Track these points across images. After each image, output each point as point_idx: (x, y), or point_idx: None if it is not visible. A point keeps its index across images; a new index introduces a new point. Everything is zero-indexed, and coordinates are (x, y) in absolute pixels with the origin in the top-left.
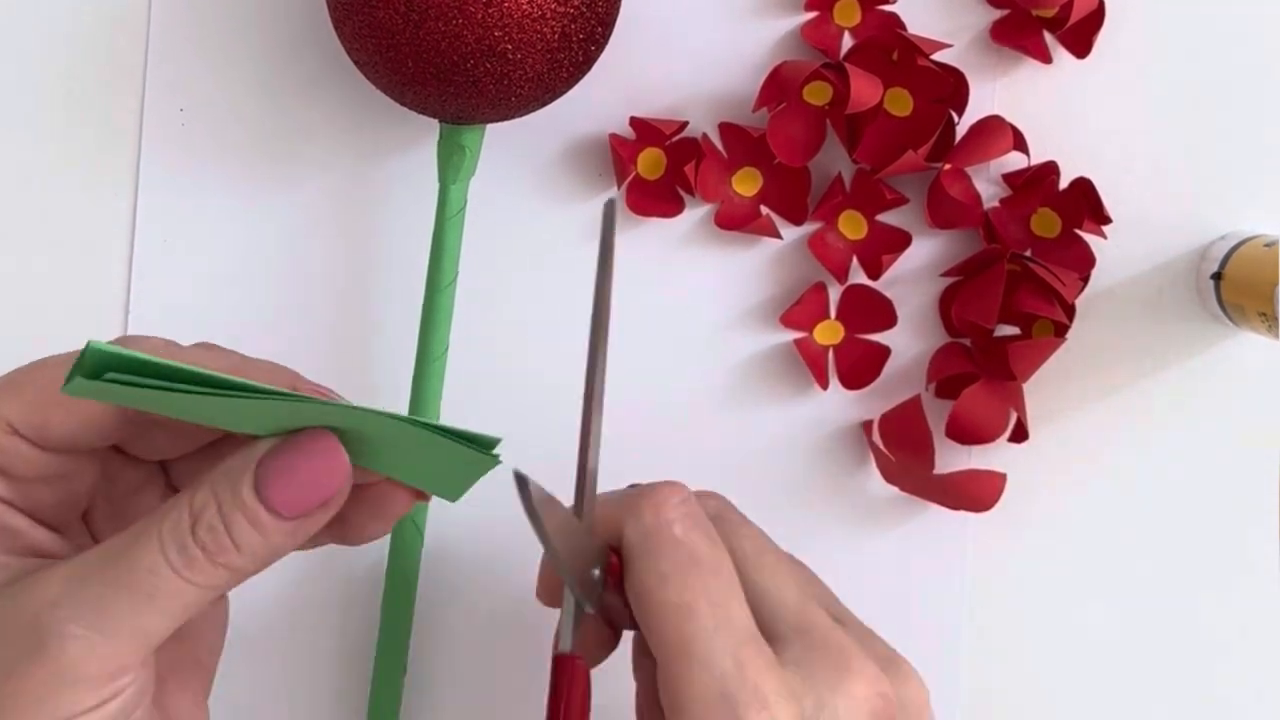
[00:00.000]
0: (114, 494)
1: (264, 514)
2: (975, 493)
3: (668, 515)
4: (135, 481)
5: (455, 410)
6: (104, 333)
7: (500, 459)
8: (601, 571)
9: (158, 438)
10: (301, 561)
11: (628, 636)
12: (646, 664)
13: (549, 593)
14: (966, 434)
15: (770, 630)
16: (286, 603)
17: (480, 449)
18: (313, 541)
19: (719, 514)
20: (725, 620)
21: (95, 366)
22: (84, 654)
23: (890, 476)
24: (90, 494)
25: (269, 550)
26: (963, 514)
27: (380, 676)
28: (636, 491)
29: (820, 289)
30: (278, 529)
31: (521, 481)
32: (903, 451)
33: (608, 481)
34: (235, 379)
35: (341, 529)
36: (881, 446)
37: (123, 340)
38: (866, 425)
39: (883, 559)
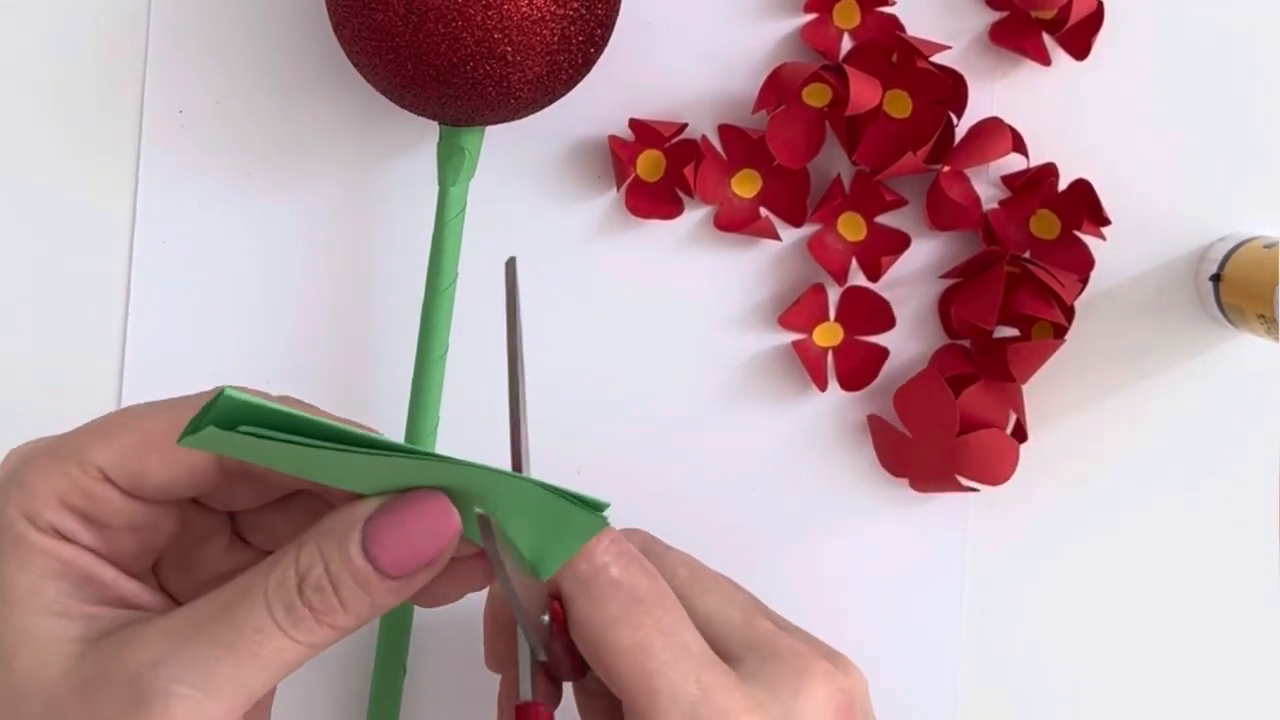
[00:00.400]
0: (183, 543)
1: (372, 574)
2: (994, 458)
3: (601, 559)
4: (204, 530)
5: (455, 411)
6: (103, 333)
7: (609, 522)
8: (549, 620)
9: (241, 489)
10: None
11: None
12: (596, 705)
13: (496, 659)
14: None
15: (723, 650)
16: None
17: (588, 509)
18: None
19: (646, 548)
20: (681, 649)
21: (230, 417)
22: (188, 714)
23: (897, 466)
24: (167, 543)
25: (372, 609)
26: (962, 513)
27: (380, 676)
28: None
29: (818, 290)
30: (383, 588)
31: (486, 524)
32: (924, 422)
33: (607, 483)
34: (359, 433)
35: (420, 593)
36: (898, 426)
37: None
38: (871, 418)
39: (881, 559)
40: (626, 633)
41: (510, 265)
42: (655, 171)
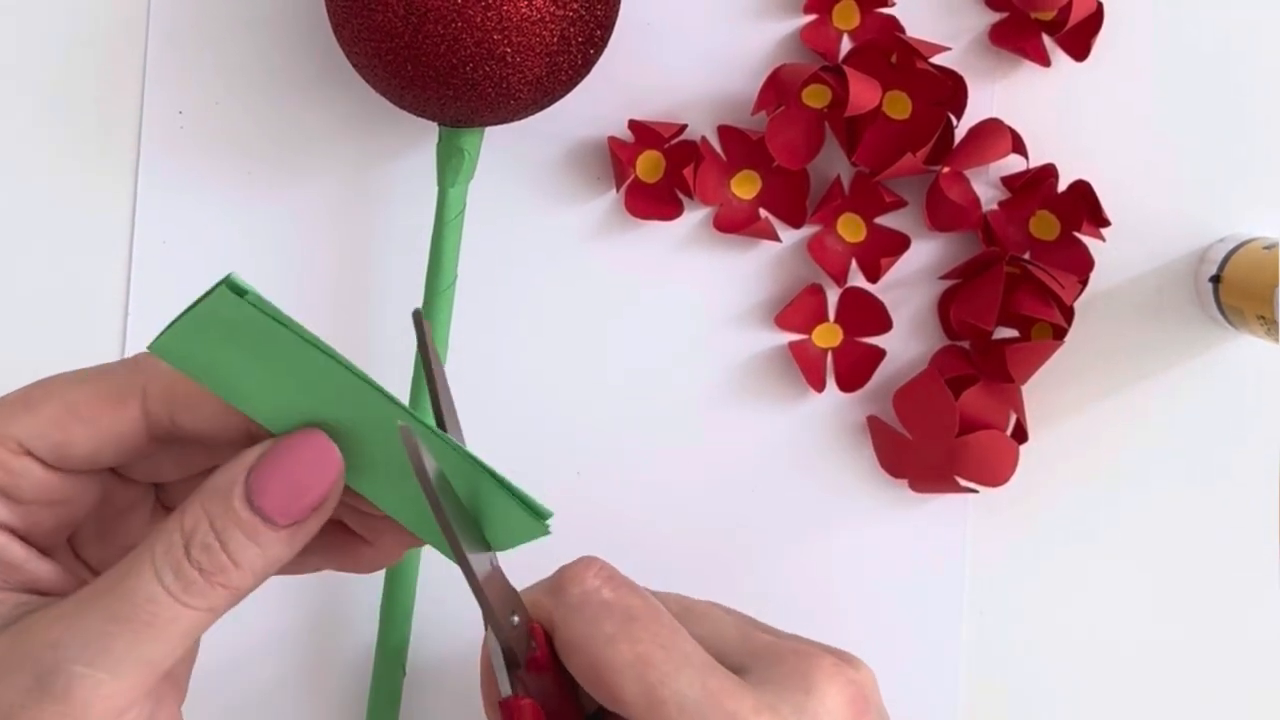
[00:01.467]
0: (103, 514)
1: (260, 523)
2: (994, 459)
3: (593, 583)
4: (126, 502)
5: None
6: (103, 333)
7: (551, 531)
8: (525, 640)
9: (165, 459)
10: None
11: None
12: None
13: (493, 705)
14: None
15: (727, 665)
16: (286, 602)
17: (531, 514)
18: (311, 565)
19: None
20: (683, 659)
21: (236, 290)
22: (91, 693)
23: (897, 467)
24: (85, 516)
25: (266, 563)
26: (961, 514)
27: (380, 676)
28: (553, 575)
29: (816, 290)
30: (273, 538)
31: (409, 438)
32: (924, 423)
33: (606, 483)
34: (334, 351)
35: (342, 557)
36: (897, 427)
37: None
38: (870, 419)
39: (881, 560)
40: (626, 648)
41: (417, 316)
42: (655, 172)
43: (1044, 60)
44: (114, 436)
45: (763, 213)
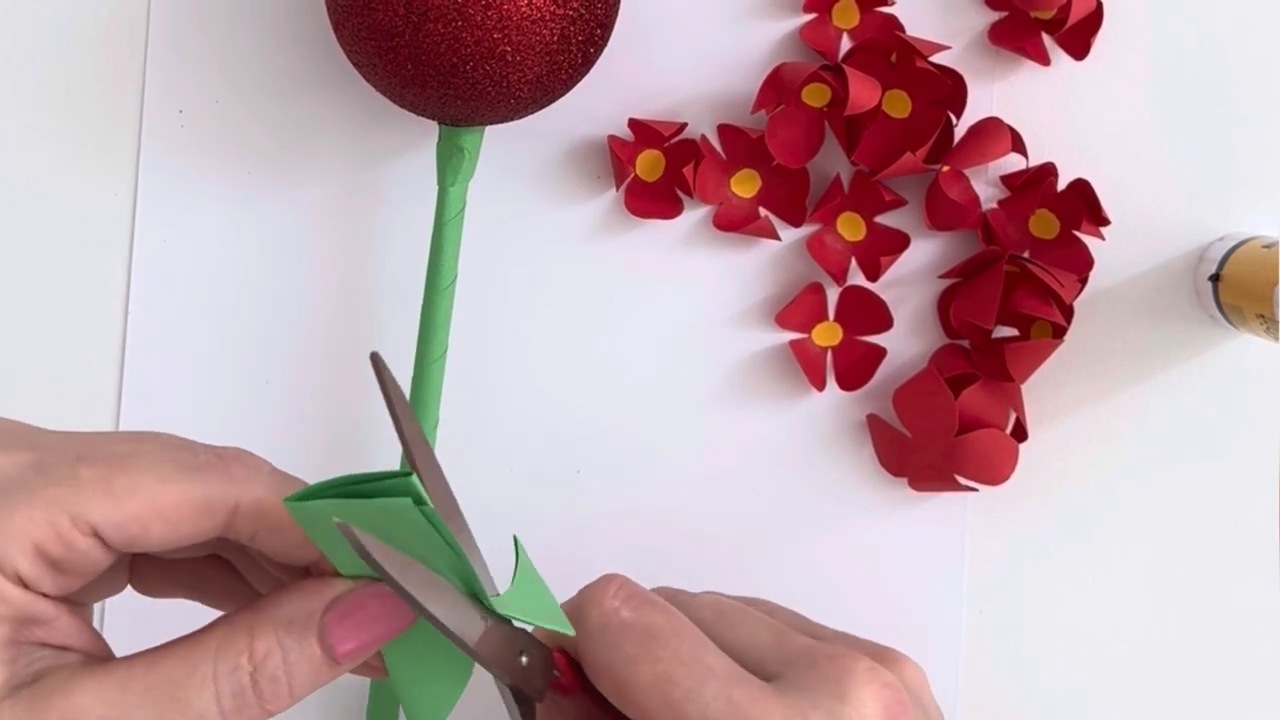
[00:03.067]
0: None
1: (327, 663)
2: (993, 458)
3: (611, 604)
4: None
5: (455, 410)
6: (104, 333)
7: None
8: (542, 672)
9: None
10: None
11: None
12: None
13: None
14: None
15: (761, 673)
16: None
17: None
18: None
19: (670, 597)
20: (705, 673)
21: (417, 500)
22: None
23: (896, 465)
24: (110, 587)
25: (310, 691)
26: (961, 510)
27: (379, 680)
28: (574, 598)
29: (816, 289)
30: (331, 673)
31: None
32: (923, 421)
33: (607, 483)
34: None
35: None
36: (897, 426)
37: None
38: (870, 418)
39: (881, 558)
40: (646, 669)
41: (375, 361)
42: (655, 171)
43: (1043, 59)
44: (188, 538)
45: (762, 211)
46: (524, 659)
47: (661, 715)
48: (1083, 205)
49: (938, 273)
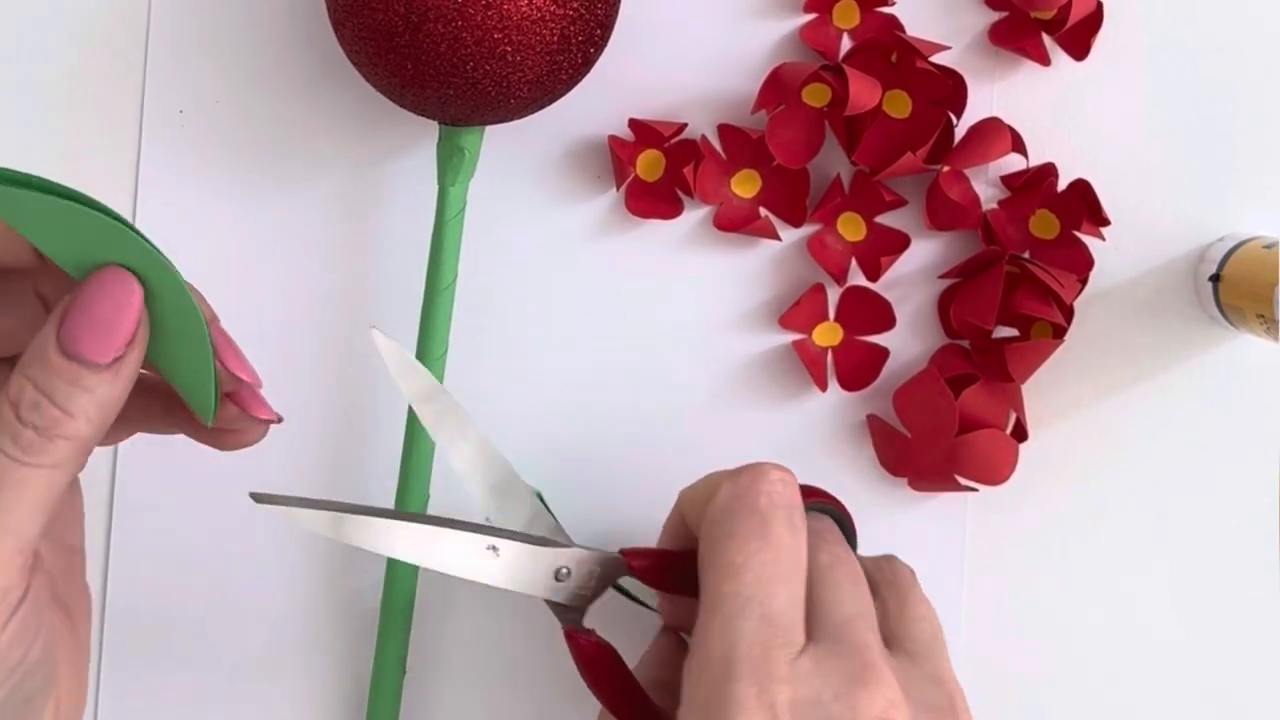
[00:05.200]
0: None
1: (80, 369)
2: (993, 458)
3: (762, 486)
4: None
5: None
6: None
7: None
8: (593, 580)
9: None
10: (301, 560)
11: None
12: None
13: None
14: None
15: (810, 633)
16: (286, 602)
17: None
18: (141, 425)
19: (818, 530)
20: (765, 594)
21: None
22: None
23: (896, 466)
24: None
25: (99, 406)
26: (961, 511)
27: (380, 676)
28: (747, 464)
29: (819, 290)
30: (99, 380)
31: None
32: (923, 422)
33: (608, 482)
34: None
35: (167, 418)
36: (897, 426)
37: None
38: (870, 418)
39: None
40: (734, 551)
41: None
42: (655, 171)
43: (1044, 59)
44: None
45: (763, 211)
46: (563, 571)
47: (708, 594)
48: (1083, 205)
49: (938, 273)
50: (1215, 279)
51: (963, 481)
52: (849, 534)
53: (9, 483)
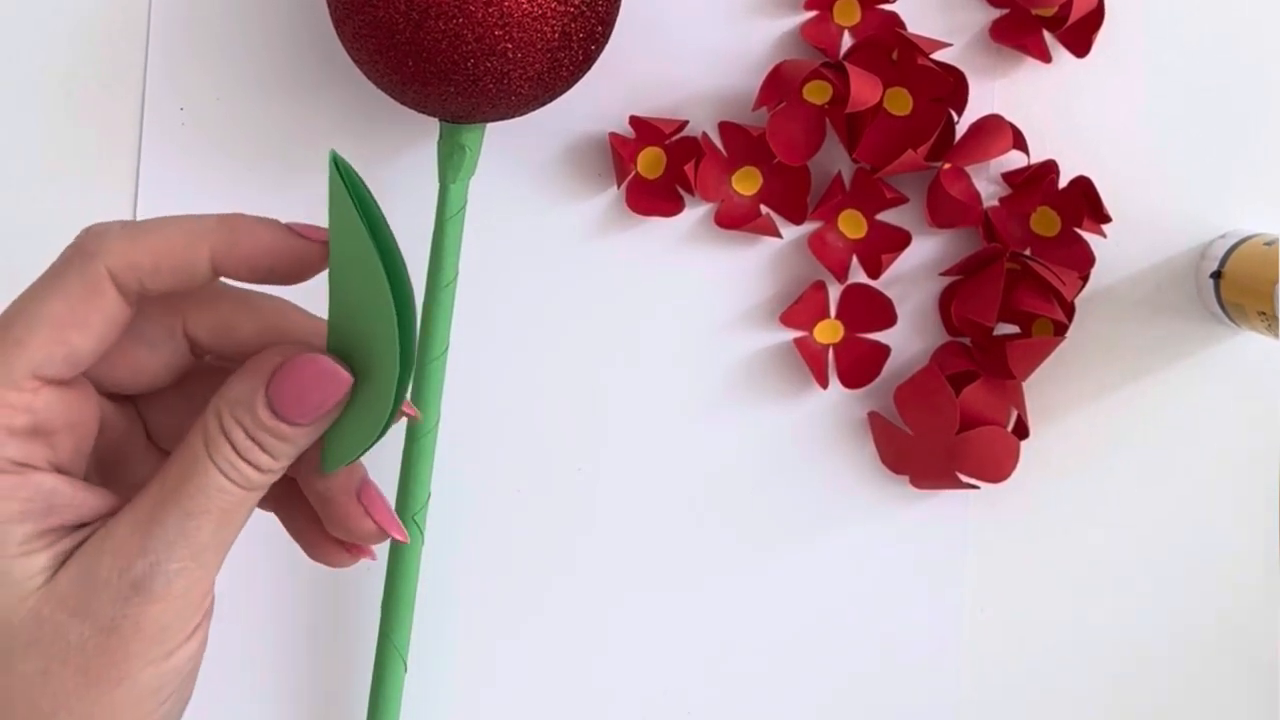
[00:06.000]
0: (102, 447)
1: (282, 425)
2: (995, 455)
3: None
4: (119, 431)
5: (455, 409)
6: None
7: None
8: None
9: (141, 356)
10: (301, 556)
11: None
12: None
13: None
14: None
15: None
16: (287, 602)
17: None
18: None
19: None
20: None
21: (345, 173)
22: (187, 583)
23: (898, 463)
24: (94, 444)
25: (297, 449)
26: (962, 508)
27: (380, 674)
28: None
29: (820, 288)
30: (297, 433)
31: None
32: (925, 419)
33: (608, 481)
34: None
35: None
36: (898, 423)
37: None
38: (871, 416)
39: (882, 556)
40: None
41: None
42: (656, 169)
43: (1045, 56)
44: (105, 326)
45: (764, 209)
46: None
47: None
48: (1084, 202)
49: (939, 270)
50: (1216, 276)
51: (964, 479)
52: None
53: (231, 507)
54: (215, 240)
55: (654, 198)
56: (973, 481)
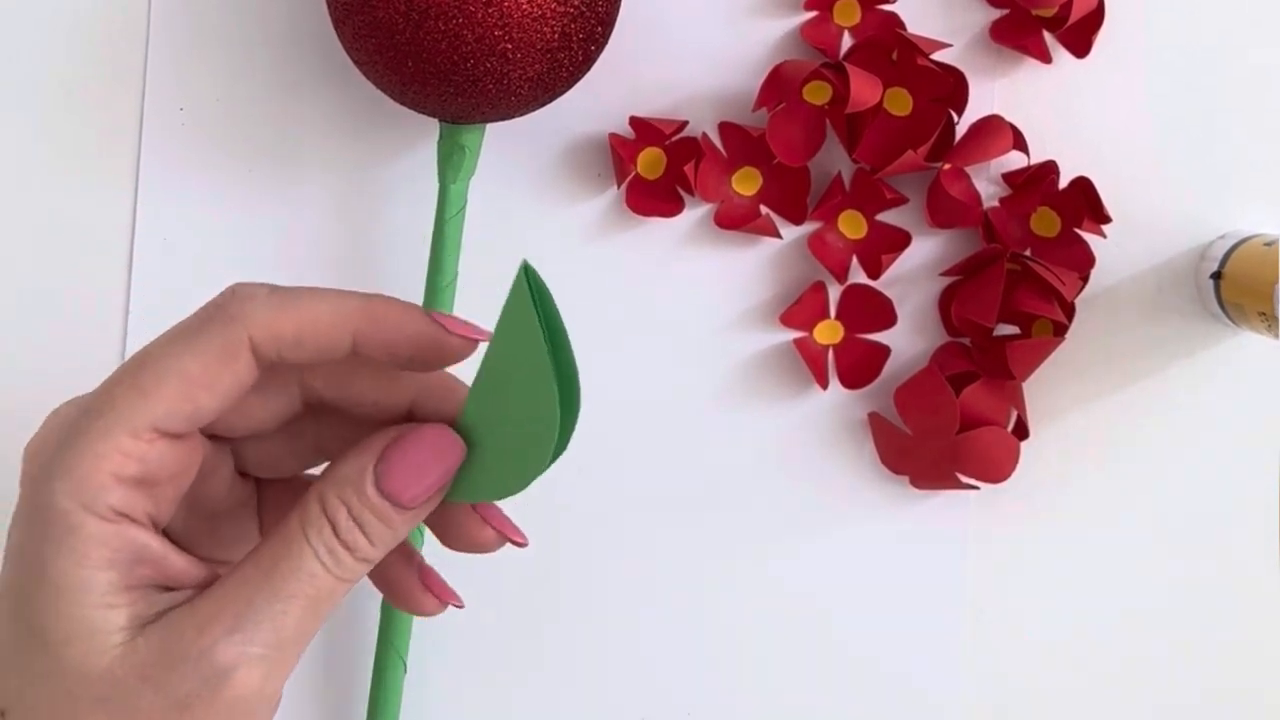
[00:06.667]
0: (195, 481)
1: (389, 508)
2: (995, 456)
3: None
4: (212, 465)
5: None
6: (104, 332)
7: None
8: None
9: (254, 406)
10: None
11: None
12: None
13: None
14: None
15: None
16: None
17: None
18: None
19: None
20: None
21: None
22: (267, 674)
23: (897, 463)
24: (187, 486)
25: (396, 539)
26: (962, 509)
27: (380, 675)
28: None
29: (820, 288)
30: (403, 519)
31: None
32: (925, 419)
33: (608, 481)
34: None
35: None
36: (898, 424)
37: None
38: (871, 416)
39: (882, 556)
40: None
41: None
42: (656, 169)
43: (1045, 57)
44: (234, 389)
45: (763, 209)
46: None
47: None
48: (1084, 203)
49: (939, 271)
50: (1216, 276)
51: (964, 479)
52: None
53: (324, 593)
54: (360, 322)
55: (654, 198)
56: (972, 482)
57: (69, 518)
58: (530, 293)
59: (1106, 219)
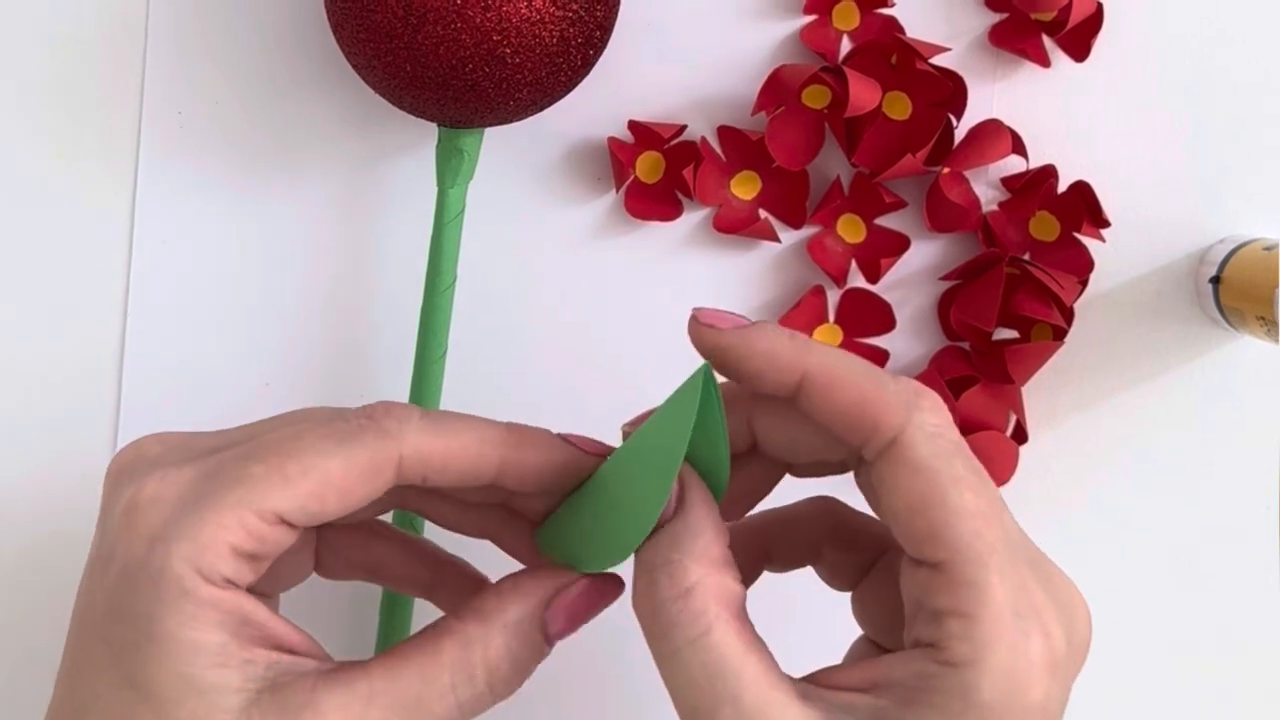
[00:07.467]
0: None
1: (542, 648)
2: (994, 460)
3: (949, 418)
4: (302, 541)
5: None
6: (103, 333)
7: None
8: None
9: (367, 508)
10: None
11: None
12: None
13: None
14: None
15: None
16: (287, 602)
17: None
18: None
19: None
20: (1015, 533)
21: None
22: None
23: None
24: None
25: (528, 672)
26: None
27: None
28: (909, 385)
29: (819, 292)
30: (542, 655)
31: None
32: None
33: None
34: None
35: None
36: None
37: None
38: None
39: None
40: (973, 496)
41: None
42: (654, 173)
43: (1044, 61)
44: (365, 499)
45: (762, 213)
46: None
47: (964, 543)
48: (1083, 207)
49: (938, 275)
50: (1215, 281)
51: None
52: None
53: (442, 716)
54: (505, 452)
55: (653, 202)
56: None
57: (183, 581)
58: (700, 395)
59: (1105, 223)
